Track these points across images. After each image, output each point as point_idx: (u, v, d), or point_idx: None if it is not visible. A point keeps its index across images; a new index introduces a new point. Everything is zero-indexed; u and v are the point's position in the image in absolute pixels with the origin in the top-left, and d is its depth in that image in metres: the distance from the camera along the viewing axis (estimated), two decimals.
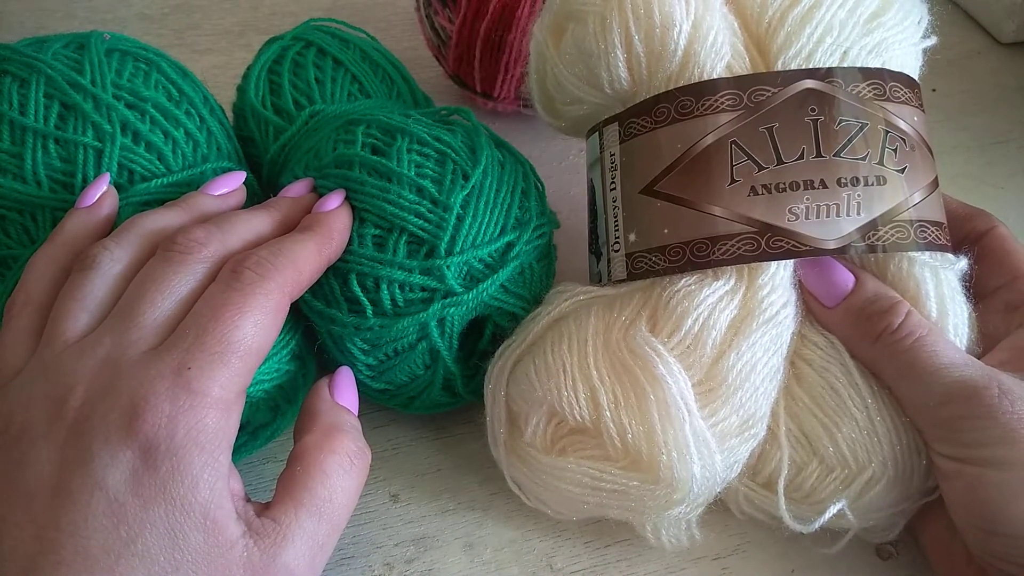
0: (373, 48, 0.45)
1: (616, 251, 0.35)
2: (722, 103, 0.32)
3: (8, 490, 0.26)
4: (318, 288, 0.35)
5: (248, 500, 0.28)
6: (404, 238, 0.34)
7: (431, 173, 0.35)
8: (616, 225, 0.35)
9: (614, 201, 0.35)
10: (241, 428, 0.34)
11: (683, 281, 0.33)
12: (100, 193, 0.33)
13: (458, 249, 0.34)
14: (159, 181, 0.35)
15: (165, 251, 0.30)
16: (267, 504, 0.28)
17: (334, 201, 0.34)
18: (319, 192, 0.36)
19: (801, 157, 0.31)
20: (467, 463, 0.38)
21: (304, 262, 0.31)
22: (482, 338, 0.37)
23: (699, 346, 0.32)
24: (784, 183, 0.31)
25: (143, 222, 0.32)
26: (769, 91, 0.32)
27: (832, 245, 0.31)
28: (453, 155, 0.36)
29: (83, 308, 0.29)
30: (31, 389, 0.27)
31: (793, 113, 0.32)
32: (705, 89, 0.32)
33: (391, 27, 0.61)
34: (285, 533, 0.27)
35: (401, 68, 0.45)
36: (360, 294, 0.34)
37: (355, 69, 0.43)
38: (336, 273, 0.35)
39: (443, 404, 0.38)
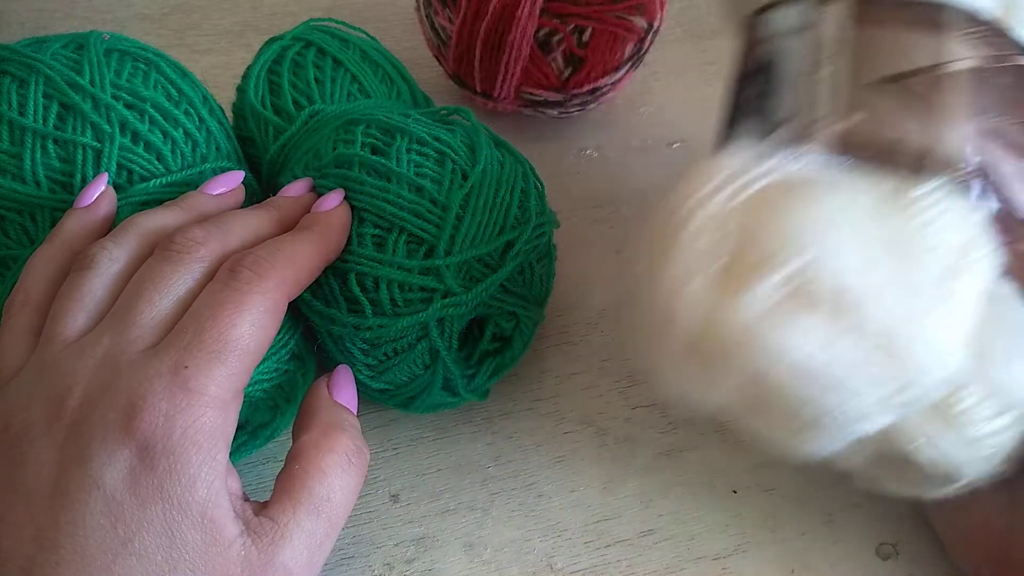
0: (373, 48, 0.45)
1: (812, 132, 0.32)
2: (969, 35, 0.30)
3: (8, 490, 0.26)
4: (317, 288, 0.35)
5: (247, 499, 0.28)
6: (403, 238, 0.34)
7: (430, 173, 0.35)
8: (822, 106, 0.32)
9: (828, 80, 0.32)
10: (241, 428, 0.34)
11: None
12: (98, 193, 0.33)
13: (457, 249, 0.34)
14: (158, 181, 0.35)
15: (163, 250, 0.30)
16: (265, 503, 0.28)
17: (333, 200, 0.34)
18: (318, 192, 0.36)
19: None
20: (467, 463, 0.38)
21: (302, 261, 0.31)
22: (482, 338, 0.37)
23: None
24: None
25: (141, 221, 0.32)
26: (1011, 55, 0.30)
27: None
28: (452, 155, 0.36)
29: (81, 308, 0.29)
30: (30, 389, 0.27)
31: None
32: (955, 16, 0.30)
33: (391, 27, 0.61)
34: (283, 532, 0.27)
35: (401, 68, 0.45)
36: (359, 294, 0.34)
37: (355, 69, 0.43)
38: (335, 273, 0.34)
39: (443, 404, 0.38)
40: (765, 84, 0.34)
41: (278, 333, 0.34)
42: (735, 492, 0.37)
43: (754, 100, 0.35)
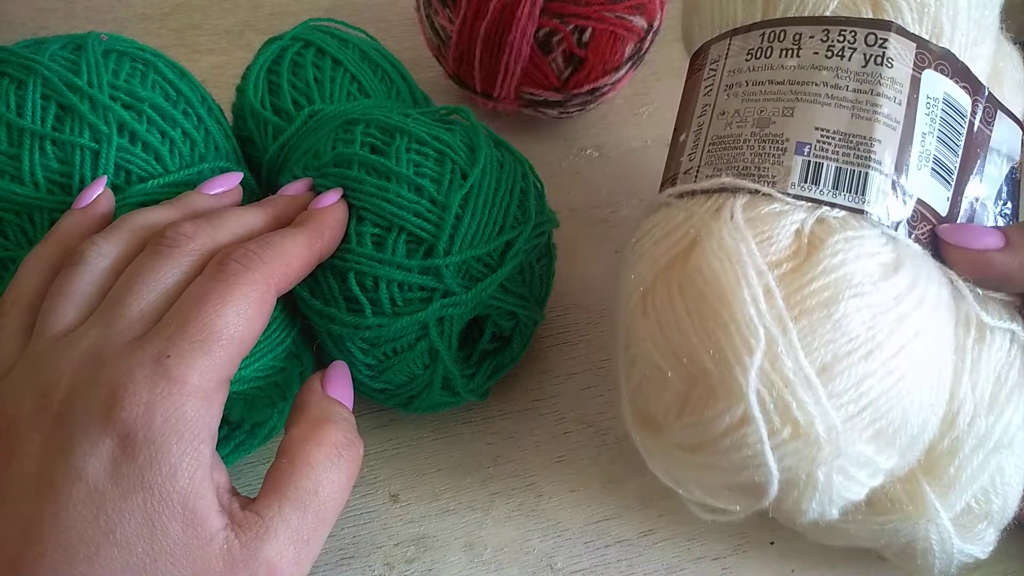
0: (372, 48, 0.45)
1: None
2: None
3: None
4: (317, 287, 0.35)
5: (235, 494, 0.28)
6: (403, 237, 0.34)
7: (430, 172, 0.35)
8: None
9: None
10: (238, 426, 0.34)
11: None
12: (97, 194, 0.33)
13: (456, 249, 0.34)
14: (156, 182, 0.35)
15: (153, 245, 0.30)
16: (254, 499, 0.28)
17: (330, 198, 0.34)
18: (318, 192, 0.36)
19: None
20: (467, 463, 0.38)
21: (292, 256, 0.31)
22: (482, 338, 0.37)
23: None
24: None
25: (134, 218, 0.32)
26: None
27: None
28: (452, 154, 0.36)
29: (70, 303, 0.29)
30: (20, 384, 0.27)
31: None
32: None
33: (391, 27, 0.61)
34: (268, 527, 0.26)
35: (400, 67, 0.45)
36: (359, 293, 0.34)
37: (354, 69, 0.43)
38: (335, 272, 0.34)
39: (443, 404, 0.38)
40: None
41: (274, 331, 0.34)
42: None
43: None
